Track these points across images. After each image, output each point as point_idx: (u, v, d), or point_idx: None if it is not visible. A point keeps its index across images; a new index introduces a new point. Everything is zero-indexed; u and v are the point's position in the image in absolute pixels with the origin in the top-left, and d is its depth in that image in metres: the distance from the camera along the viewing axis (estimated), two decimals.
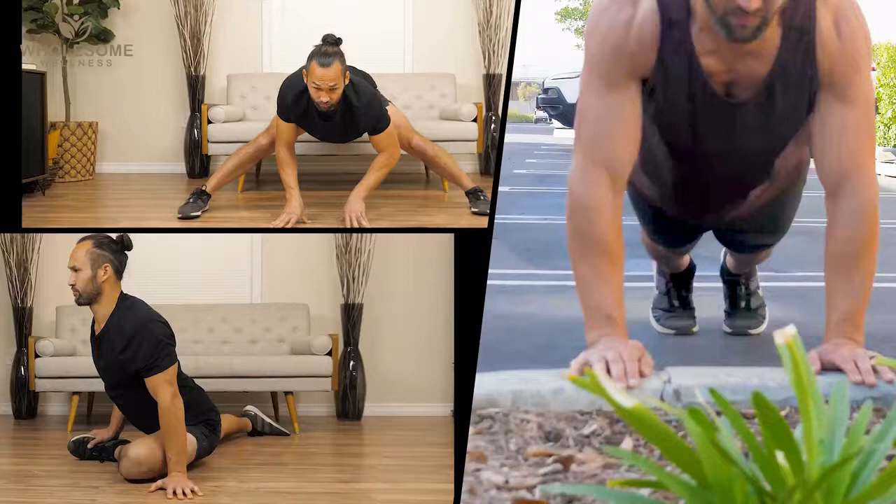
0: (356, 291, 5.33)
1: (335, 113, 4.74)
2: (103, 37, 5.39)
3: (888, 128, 16.76)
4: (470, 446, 2.57)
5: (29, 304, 5.29)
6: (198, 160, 5.53)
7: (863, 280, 3.30)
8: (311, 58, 4.65)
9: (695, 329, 4.63)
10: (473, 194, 4.93)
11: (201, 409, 4.37)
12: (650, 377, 2.97)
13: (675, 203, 3.96)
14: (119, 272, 4.22)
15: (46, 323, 5.31)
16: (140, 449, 4.10)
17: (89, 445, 4.43)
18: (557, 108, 18.73)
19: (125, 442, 4.30)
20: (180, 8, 5.51)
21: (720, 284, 4.72)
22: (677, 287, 4.69)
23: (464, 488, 2.34)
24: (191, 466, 4.21)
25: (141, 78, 5.54)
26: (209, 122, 5.35)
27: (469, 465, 2.47)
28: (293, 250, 5.47)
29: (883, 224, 3.34)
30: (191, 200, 4.76)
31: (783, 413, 2.41)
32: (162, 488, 4.02)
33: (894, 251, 5.03)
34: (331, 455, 4.96)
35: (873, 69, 16.93)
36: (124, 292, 4.23)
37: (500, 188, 4.16)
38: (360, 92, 4.74)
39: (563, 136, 19.09)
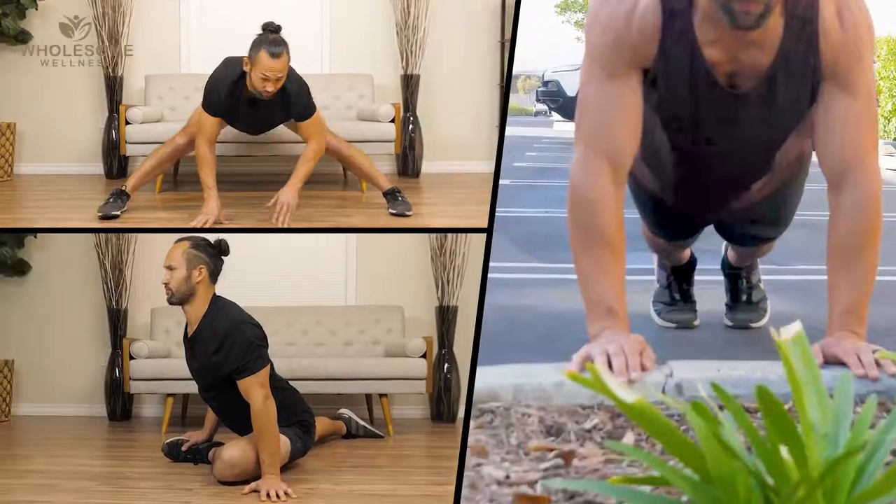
0: (451, 294, 5.38)
1: (269, 101, 4.81)
2: (21, 38, 5.44)
3: (888, 121, 16.59)
4: (471, 441, 2.63)
5: (124, 306, 5.46)
6: (116, 161, 5.70)
7: (865, 272, 3.31)
8: (258, 47, 4.73)
9: (696, 322, 4.63)
10: (391, 195, 5.06)
11: (295, 410, 4.46)
12: (652, 371, 2.98)
13: (676, 195, 3.98)
14: (214, 275, 4.33)
15: (141, 325, 5.47)
16: (233, 451, 4.17)
17: (183, 448, 4.53)
18: (557, 100, 18.69)
19: (219, 444, 4.47)
20: (98, 9, 5.58)
21: (721, 278, 4.74)
22: (678, 280, 4.69)
23: (464, 483, 2.39)
24: (285, 468, 4.32)
25: (59, 79, 5.69)
26: (127, 122, 5.51)
27: (470, 460, 2.52)
28: (388, 252, 5.54)
29: (884, 217, 3.37)
30: (110, 200, 4.93)
31: (786, 406, 2.37)
32: (255, 490, 4.13)
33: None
34: (425, 458, 5.04)
35: (874, 61, 16.71)
36: (217, 295, 4.26)
37: (501, 181, 4.17)
38: (292, 78, 4.85)
39: (563, 128, 18.99)
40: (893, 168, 13.09)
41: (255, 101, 4.79)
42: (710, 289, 4.78)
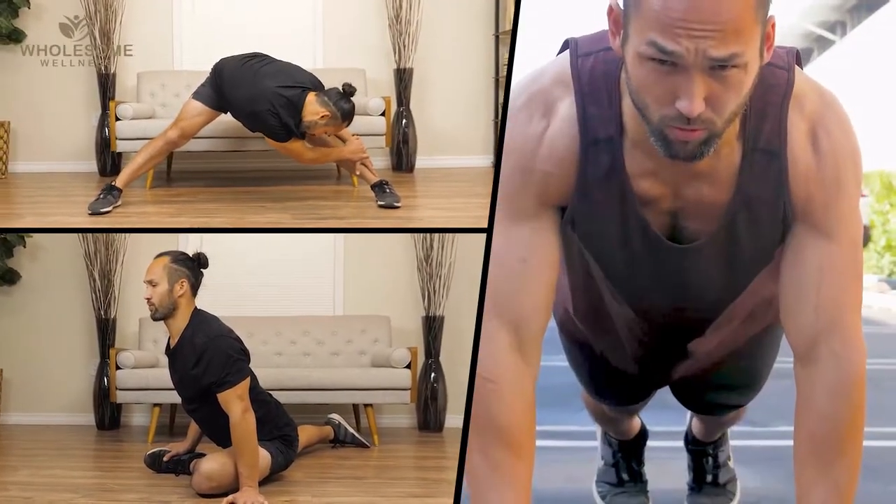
0: (437, 304, 5.42)
1: None
2: (15, 36, 5.54)
3: (881, 256, 16.29)
4: None
5: (112, 316, 5.47)
6: (109, 158, 5.74)
7: (847, 473, 2.70)
8: (351, 115, 5.01)
9: None
10: (379, 187, 5.10)
11: (277, 424, 4.54)
12: None
13: (618, 354, 3.34)
14: (195, 288, 4.42)
15: (130, 334, 5.55)
16: (211, 464, 4.27)
17: (165, 459, 4.60)
18: None
19: (201, 455, 4.51)
20: (90, 7, 5.63)
21: (677, 442, 4.16)
22: (626, 458, 4.05)
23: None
24: (266, 480, 4.37)
25: (53, 77, 5.73)
26: (117, 119, 5.56)
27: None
28: (376, 261, 5.59)
29: (879, 364, 2.78)
30: (101, 196, 4.99)
31: None
32: (232, 503, 4.17)
33: (891, 398, 4.01)
34: (410, 468, 5.12)
35: (864, 195, 16.24)
36: (198, 308, 4.35)
37: None
38: None
39: None
40: (887, 307, 12.79)
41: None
42: (666, 459, 4.32)
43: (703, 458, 4.03)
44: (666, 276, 2.88)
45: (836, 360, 2.70)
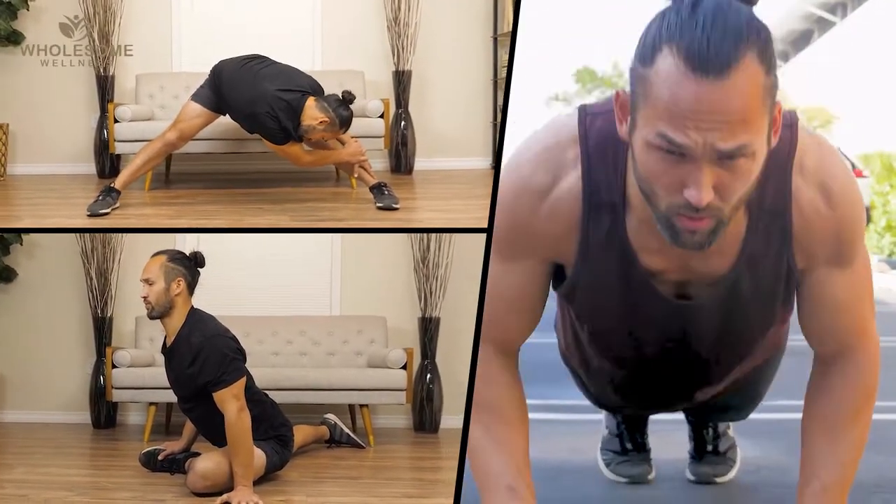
0: (433, 305, 5.42)
1: None
2: (14, 38, 5.56)
3: (881, 236, 16.40)
4: None
5: (109, 314, 5.47)
6: (107, 160, 5.74)
7: (853, 445, 2.84)
8: (349, 123, 5.00)
9: (651, 476, 4.09)
10: (377, 189, 5.10)
11: (273, 424, 4.54)
12: None
13: (616, 399, 3.45)
14: (191, 287, 4.42)
15: (127, 333, 5.55)
16: (206, 463, 4.27)
17: (160, 457, 4.60)
18: None
19: (196, 454, 4.50)
20: (89, 9, 5.62)
21: (680, 414, 4.13)
22: (630, 429, 4.12)
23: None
24: (262, 480, 4.37)
25: (52, 79, 5.74)
26: (116, 121, 5.56)
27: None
28: (373, 261, 5.58)
29: (880, 343, 2.92)
30: (100, 198, 5.00)
31: None
32: (227, 502, 4.17)
33: (892, 375, 4.11)
34: (405, 469, 5.11)
35: (865, 176, 16.74)
36: (194, 307, 4.36)
37: None
38: None
39: None
40: (887, 287, 12.87)
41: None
42: (670, 429, 4.36)
43: (703, 428, 4.10)
44: (667, 331, 2.94)
45: (855, 364, 2.85)
